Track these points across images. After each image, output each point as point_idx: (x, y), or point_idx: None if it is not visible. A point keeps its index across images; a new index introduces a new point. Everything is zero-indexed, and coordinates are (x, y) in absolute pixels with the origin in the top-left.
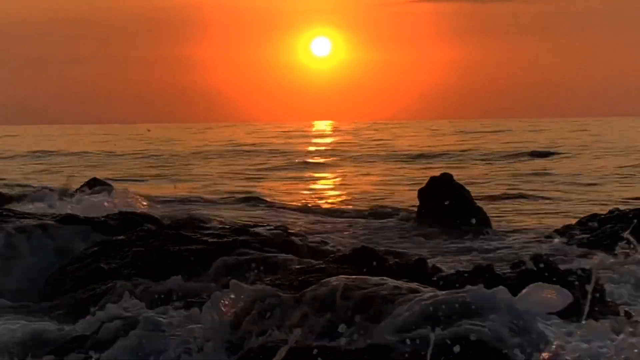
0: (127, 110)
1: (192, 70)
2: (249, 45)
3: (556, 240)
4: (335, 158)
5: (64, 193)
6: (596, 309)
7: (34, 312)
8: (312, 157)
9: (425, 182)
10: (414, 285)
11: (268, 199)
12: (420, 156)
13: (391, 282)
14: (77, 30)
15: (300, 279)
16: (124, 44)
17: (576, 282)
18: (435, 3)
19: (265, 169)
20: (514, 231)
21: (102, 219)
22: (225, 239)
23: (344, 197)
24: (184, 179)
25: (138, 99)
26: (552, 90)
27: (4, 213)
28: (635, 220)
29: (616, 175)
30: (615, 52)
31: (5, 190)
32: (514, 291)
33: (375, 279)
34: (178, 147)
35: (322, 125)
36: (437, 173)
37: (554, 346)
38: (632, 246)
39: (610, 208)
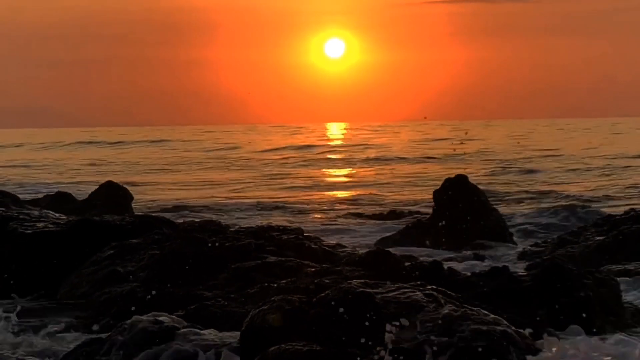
0: (138, 113)
1: (205, 73)
2: (262, 47)
3: (570, 241)
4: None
5: None
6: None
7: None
8: None
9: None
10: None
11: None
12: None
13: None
14: (86, 33)
15: (315, 281)
16: (136, 46)
17: (592, 285)
18: (450, 4)
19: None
20: (530, 232)
21: (118, 222)
22: (240, 243)
23: (357, 198)
24: None
25: (149, 101)
26: (567, 90)
27: (21, 217)
28: None
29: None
30: (634, 51)
31: None
32: (529, 293)
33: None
34: None
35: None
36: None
37: None
38: None
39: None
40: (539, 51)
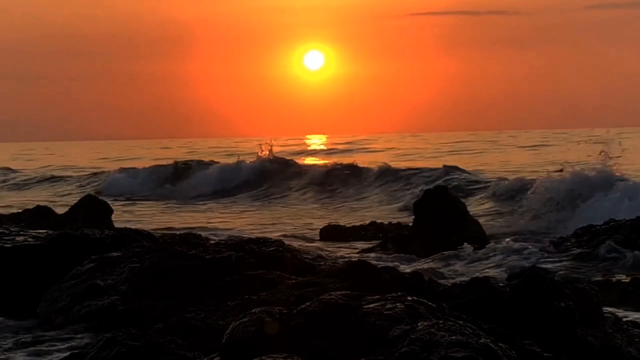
0: (119, 127)
1: (186, 86)
2: (241, 60)
3: (551, 252)
4: None
5: None
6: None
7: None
8: None
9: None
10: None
11: None
12: None
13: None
14: (67, 47)
15: (296, 293)
16: (115, 61)
17: (571, 295)
18: (430, 16)
19: None
20: (510, 244)
21: (98, 235)
22: (221, 255)
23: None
24: None
25: (130, 115)
26: (553, 101)
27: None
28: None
29: None
30: (617, 62)
31: None
32: (510, 304)
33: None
34: None
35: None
36: None
37: None
38: None
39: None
40: (521, 63)
